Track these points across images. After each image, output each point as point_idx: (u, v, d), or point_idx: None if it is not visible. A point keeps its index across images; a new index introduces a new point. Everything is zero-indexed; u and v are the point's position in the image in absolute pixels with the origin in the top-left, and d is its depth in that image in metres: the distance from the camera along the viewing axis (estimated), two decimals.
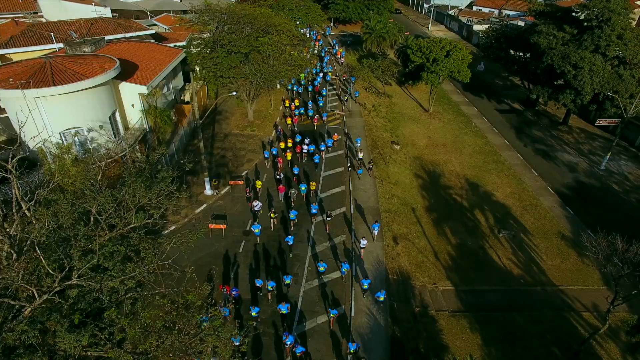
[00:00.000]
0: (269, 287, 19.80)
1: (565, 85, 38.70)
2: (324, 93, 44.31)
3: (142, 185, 12.86)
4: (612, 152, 36.62)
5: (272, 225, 25.15)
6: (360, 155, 32.38)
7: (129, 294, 10.68)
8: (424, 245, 26.24)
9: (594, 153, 39.03)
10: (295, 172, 30.31)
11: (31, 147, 17.87)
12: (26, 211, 10.54)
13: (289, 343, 17.04)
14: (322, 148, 33.43)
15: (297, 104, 40.21)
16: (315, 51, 58.30)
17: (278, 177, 29.41)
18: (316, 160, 31.57)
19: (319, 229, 25.77)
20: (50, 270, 9.49)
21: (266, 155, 32.05)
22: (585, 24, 37.44)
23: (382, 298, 20.18)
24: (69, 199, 11.57)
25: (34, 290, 9.45)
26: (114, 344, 9.68)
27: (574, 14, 40.37)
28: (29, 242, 10.36)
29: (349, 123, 40.90)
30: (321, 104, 43.34)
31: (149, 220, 12.52)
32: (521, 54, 46.63)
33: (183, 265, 15.90)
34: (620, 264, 17.58)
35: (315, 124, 38.02)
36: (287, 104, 41.42)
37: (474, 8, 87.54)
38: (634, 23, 40.31)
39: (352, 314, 20.22)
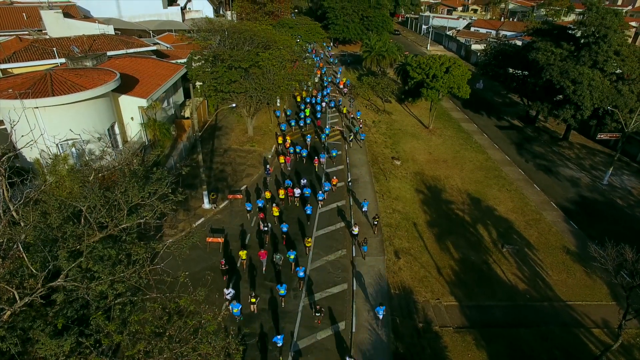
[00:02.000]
0: None
1: (564, 100, 38.79)
2: (327, 131, 40.41)
3: (135, 184, 12.42)
4: (614, 167, 36.34)
5: (251, 310, 20.19)
6: (356, 231, 25.25)
7: (119, 299, 10.09)
8: (427, 260, 25.62)
9: (596, 168, 38.75)
10: (284, 229, 24.61)
11: (20, 148, 17.51)
12: (14, 212, 10.11)
13: None
14: (320, 198, 28.45)
15: (289, 140, 36.36)
16: (317, 80, 55.69)
17: (265, 229, 24.83)
18: (308, 212, 26.82)
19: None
20: (33, 270, 8.95)
21: (248, 208, 26.87)
22: (582, 40, 37.84)
23: None
24: (57, 197, 11.13)
25: (15, 292, 8.88)
26: (100, 351, 9.05)
27: (570, 31, 40.92)
28: (15, 245, 9.88)
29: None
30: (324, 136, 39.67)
31: (141, 220, 12.01)
32: (519, 71, 46.98)
33: (178, 277, 15.14)
34: (629, 277, 16.97)
35: (315, 165, 34.00)
36: (279, 141, 37.31)
37: (472, 29, 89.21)
38: (629, 40, 40.79)
39: (354, 330, 19.55)
